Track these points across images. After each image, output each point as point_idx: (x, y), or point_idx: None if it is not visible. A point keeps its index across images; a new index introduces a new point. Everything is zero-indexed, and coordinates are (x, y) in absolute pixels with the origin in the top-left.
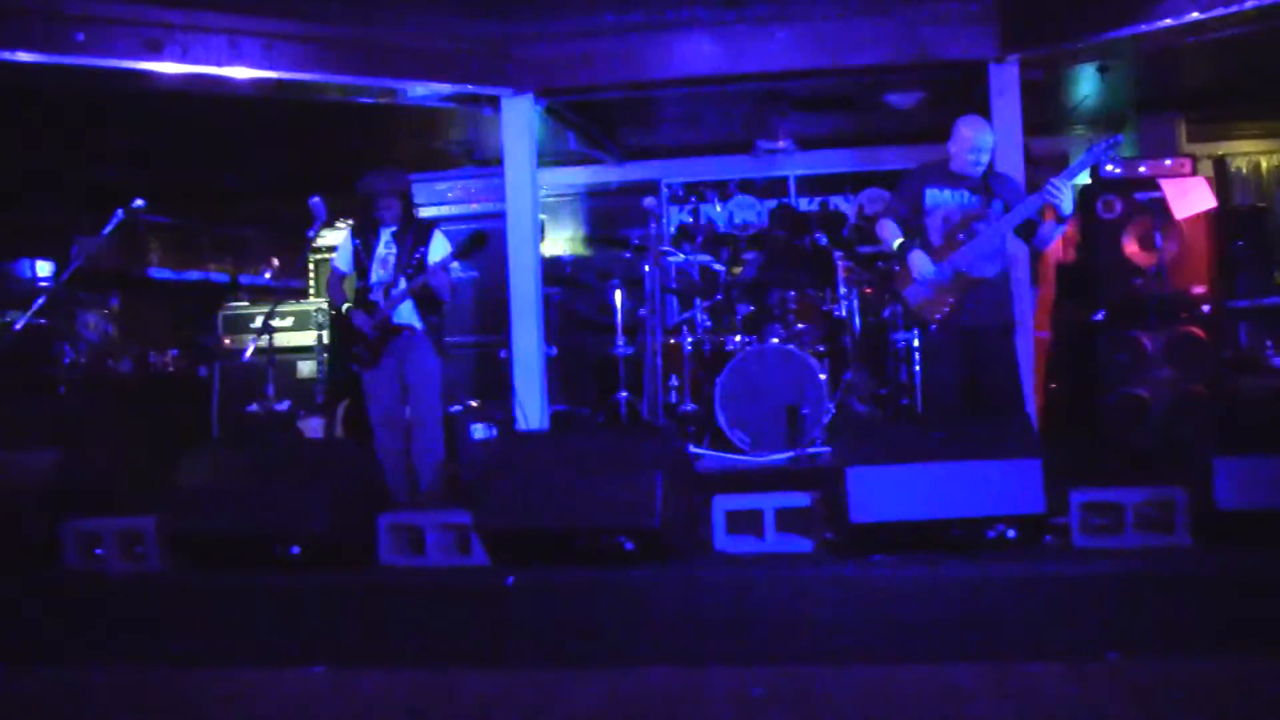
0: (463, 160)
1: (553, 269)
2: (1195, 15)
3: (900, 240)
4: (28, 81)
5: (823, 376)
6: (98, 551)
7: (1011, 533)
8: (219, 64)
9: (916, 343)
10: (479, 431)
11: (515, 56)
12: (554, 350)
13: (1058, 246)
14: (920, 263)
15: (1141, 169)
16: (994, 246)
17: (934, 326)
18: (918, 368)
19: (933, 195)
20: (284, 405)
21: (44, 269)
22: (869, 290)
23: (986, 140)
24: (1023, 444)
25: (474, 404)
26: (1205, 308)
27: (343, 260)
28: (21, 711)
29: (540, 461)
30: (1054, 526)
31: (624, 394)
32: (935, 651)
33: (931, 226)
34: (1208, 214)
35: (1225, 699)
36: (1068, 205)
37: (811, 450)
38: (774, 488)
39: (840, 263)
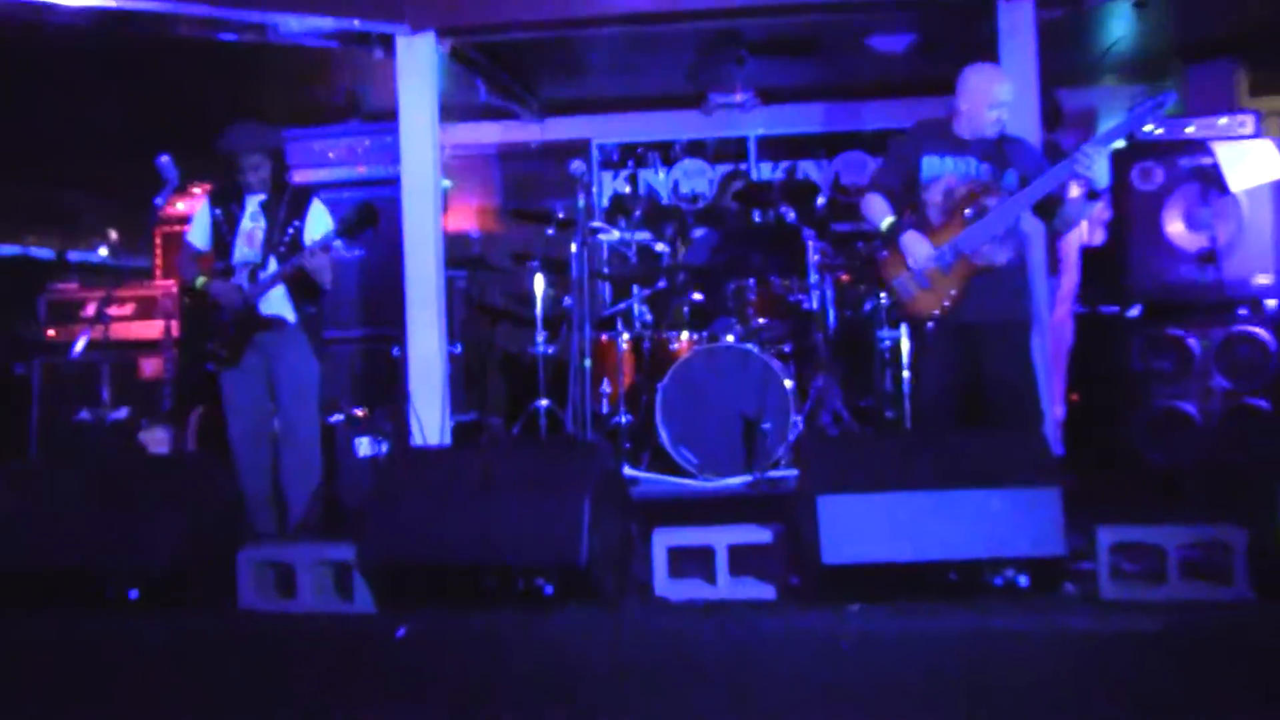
0: (348, 114)
1: (458, 248)
2: None
3: (890, 219)
4: None
5: (789, 383)
6: None
7: (1023, 579)
8: None
9: (906, 343)
10: (365, 447)
11: None
12: (458, 347)
13: (1082, 227)
14: (915, 246)
15: (1189, 129)
16: (1006, 227)
17: (930, 324)
18: (907, 374)
19: (931, 164)
20: (122, 413)
21: None
22: (847, 278)
23: (1003, 94)
24: (1038, 468)
25: (359, 413)
26: (1269, 302)
27: (198, 235)
28: None
29: (440, 484)
30: (1077, 573)
31: (544, 402)
32: None
33: (930, 202)
34: (1273, 185)
35: None
36: (1101, 177)
37: (774, 474)
38: (728, 520)
39: (811, 244)
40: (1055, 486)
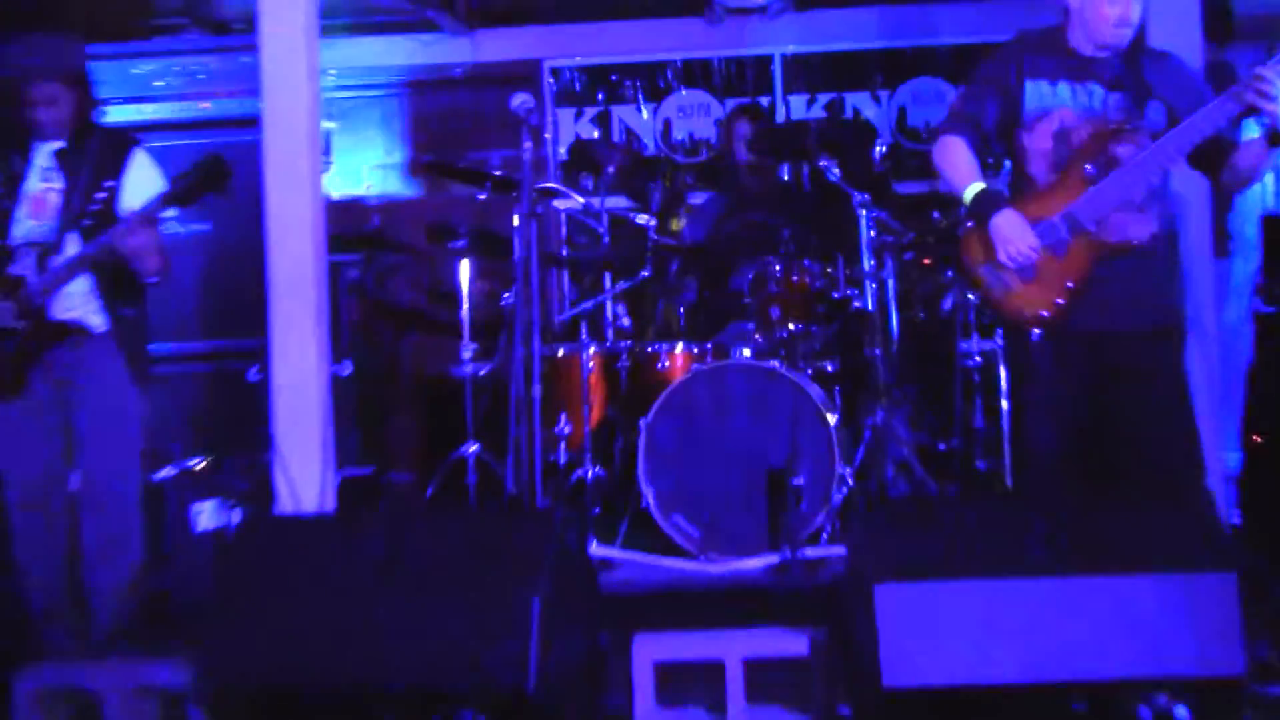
0: (183, 24)
1: (348, 220)
2: None
3: (977, 186)
4: None
5: (832, 419)
6: None
7: (1183, 712)
8: None
9: (1004, 360)
10: (207, 516)
11: None
12: (348, 367)
13: (1265, 185)
14: (1013, 233)
15: None
16: (1149, 188)
17: (1036, 331)
18: (1006, 404)
19: (1038, 92)
20: None
21: None
22: (920, 264)
23: None
24: (1202, 544)
25: (199, 465)
26: None
27: None
28: None
29: (317, 571)
30: (1263, 698)
31: (473, 447)
32: None
33: (1035, 150)
34: None
35: None
36: None
37: (812, 553)
38: (744, 622)
39: (865, 213)
40: (1228, 571)
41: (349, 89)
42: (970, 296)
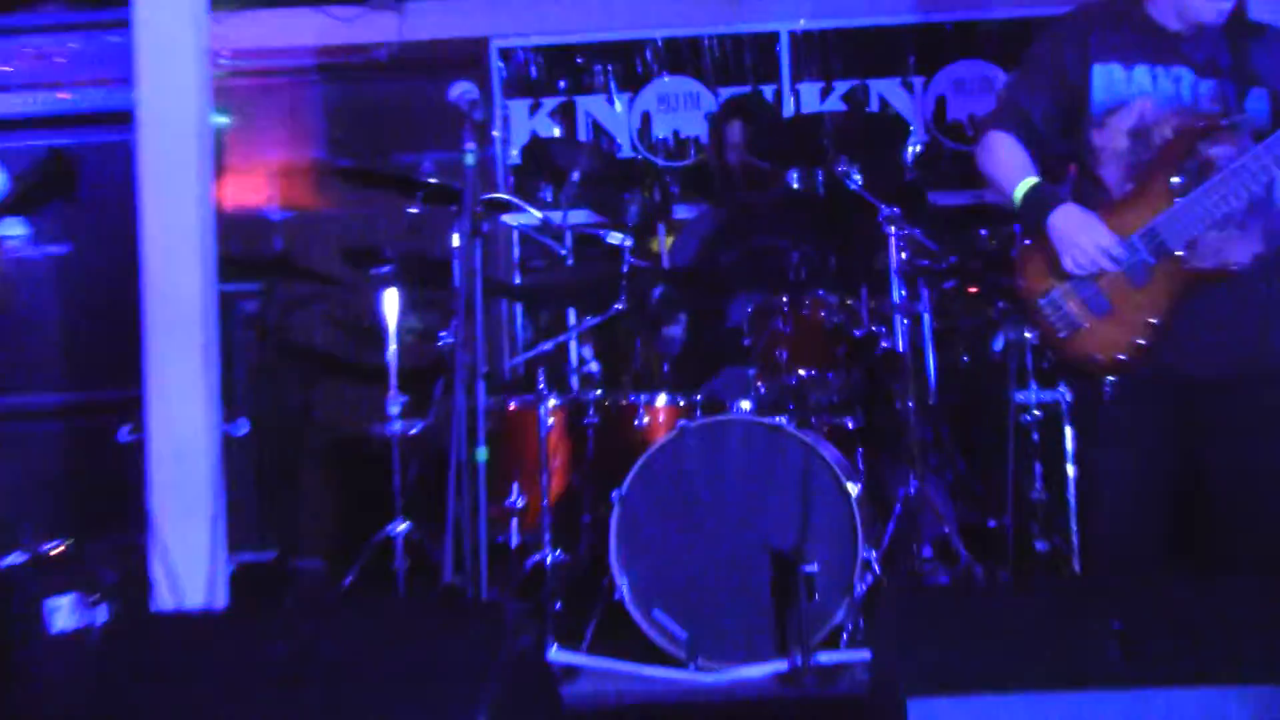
0: None
1: (245, 239)
2: None
3: (1030, 181)
4: None
5: (853, 489)
6: None
7: None
8: None
9: (1069, 415)
10: (65, 613)
11: None
12: (244, 426)
13: None
14: (1080, 232)
15: None
16: (1250, 198)
17: (1110, 380)
18: (1071, 469)
19: (1110, 79)
20: None
21: None
22: (964, 293)
23: None
24: None
25: (55, 550)
26: None
27: None
28: None
29: (206, 682)
30: None
31: (402, 524)
32: None
33: (1107, 151)
34: None
35: None
36: None
37: (827, 658)
38: None
39: (894, 231)
40: None
41: (246, 75)
42: (1027, 335)
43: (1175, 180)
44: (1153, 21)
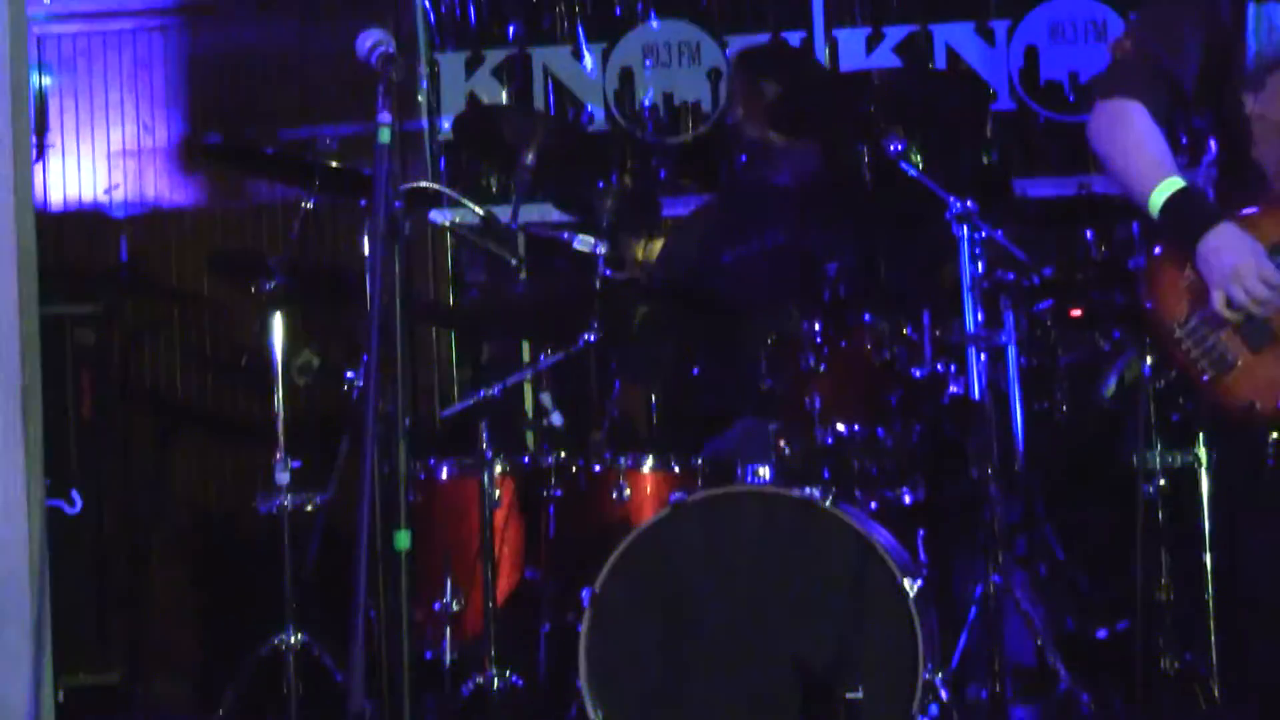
0: None
1: (80, 246)
2: None
3: (1173, 179)
4: None
5: (913, 586)
6: None
7: None
8: None
9: (1212, 484)
10: None
11: None
12: (76, 501)
13: None
14: (1230, 249)
15: None
16: None
17: (1276, 440)
18: (1210, 557)
19: (1273, 22)
20: None
21: None
22: (1064, 318)
23: None
24: None
25: None
26: None
27: None
28: None
29: None
30: None
31: (294, 634)
32: None
33: (1268, 121)
34: None
35: None
36: None
37: None
38: None
39: (967, 233)
40: None
41: (76, 20)
42: (1158, 380)
43: None
44: None
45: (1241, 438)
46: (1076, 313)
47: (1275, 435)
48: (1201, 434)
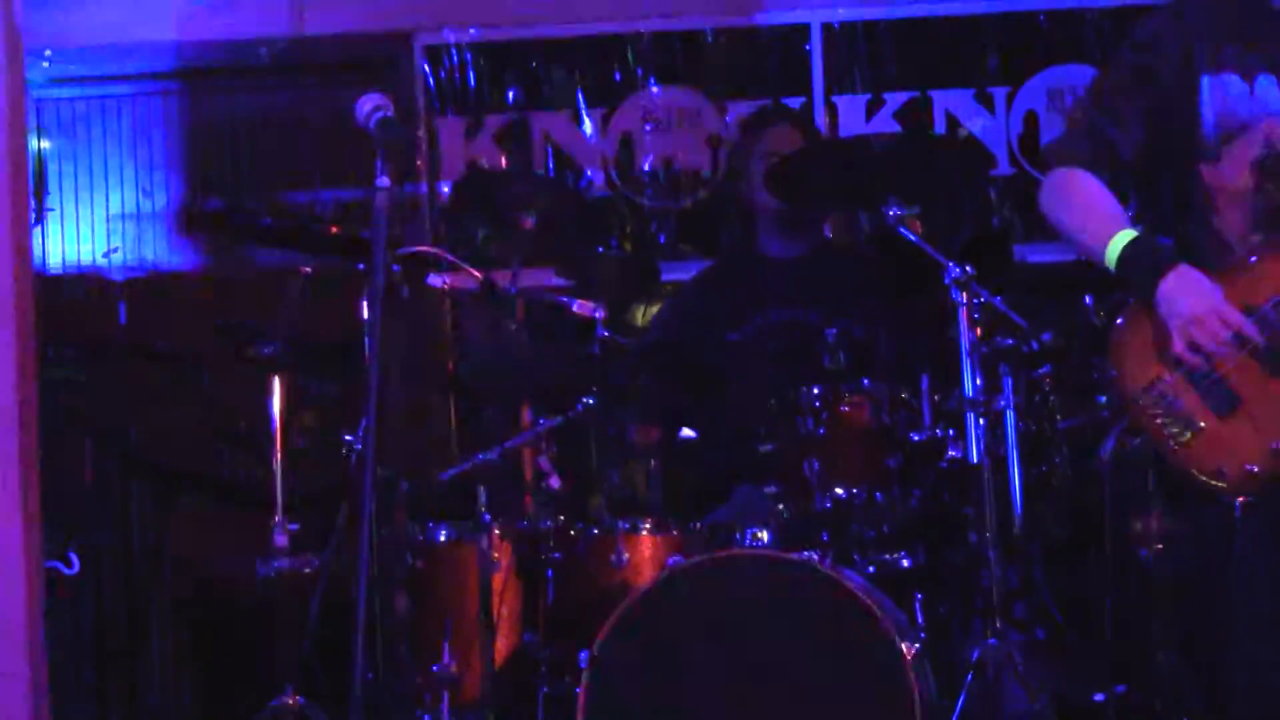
0: None
1: (77, 310)
2: None
3: (1129, 234)
4: None
5: (910, 650)
6: None
7: None
8: None
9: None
10: None
11: None
12: (74, 563)
13: None
14: (1201, 301)
15: None
16: None
17: (1242, 504)
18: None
19: (1224, 93)
20: None
21: None
22: (1061, 384)
23: None
24: None
25: None
26: None
27: None
28: None
29: None
30: None
31: (292, 697)
32: None
33: (1225, 190)
34: None
35: None
36: None
37: None
38: None
39: (964, 301)
40: None
41: (76, 84)
42: (1132, 443)
43: None
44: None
45: (1211, 504)
46: (1075, 379)
47: (1241, 500)
48: (1186, 495)
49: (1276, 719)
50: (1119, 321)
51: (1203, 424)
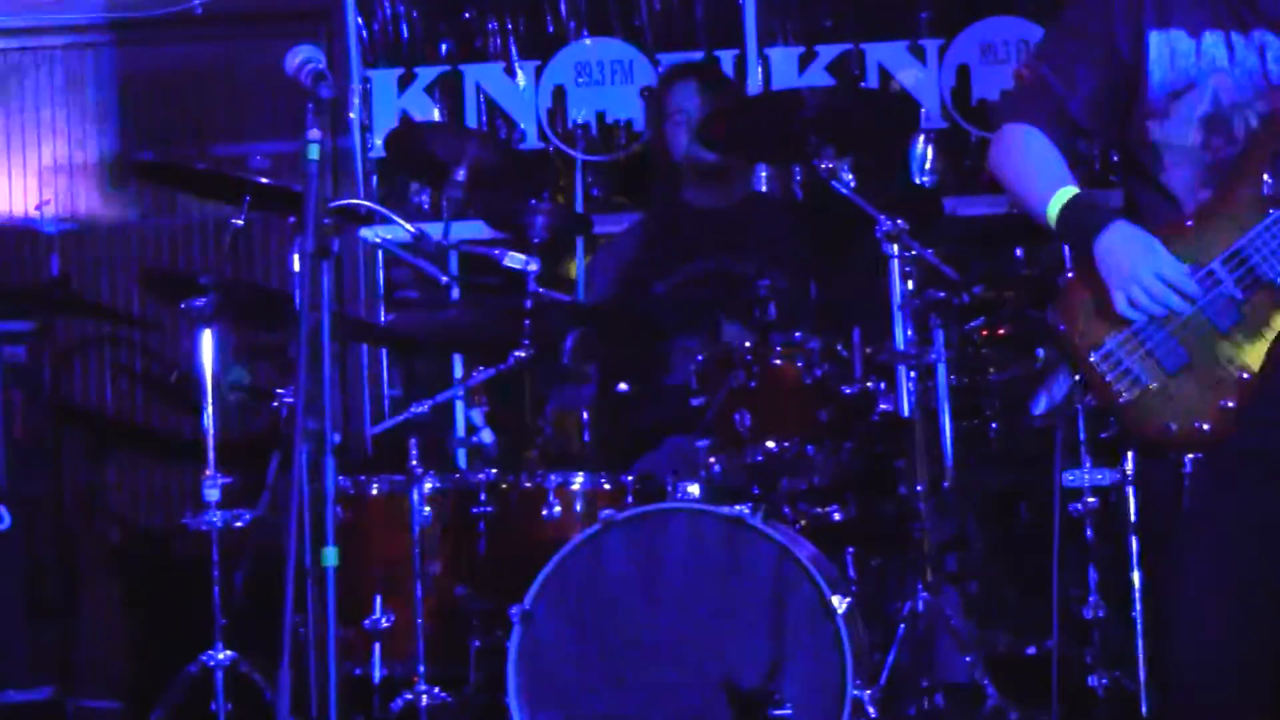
0: None
1: (9, 263)
2: None
3: (1069, 191)
4: None
5: (842, 604)
6: None
7: None
8: None
9: (1137, 504)
10: None
11: None
12: (4, 518)
13: None
14: (1137, 259)
15: None
16: None
17: (1192, 460)
18: (1138, 575)
19: (1169, 50)
20: None
21: None
22: (993, 337)
23: None
24: None
25: None
26: None
27: None
28: None
29: None
30: None
31: (223, 652)
32: None
33: (1172, 148)
34: None
35: None
36: None
37: None
38: None
39: (898, 252)
40: None
41: (8, 35)
42: (1075, 399)
43: (1267, 182)
44: None
45: (1159, 461)
46: (1006, 332)
47: (1191, 457)
48: (1127, 454)
49: (1215, 677)
50: (1069, 276)
51: (1152, 383)
